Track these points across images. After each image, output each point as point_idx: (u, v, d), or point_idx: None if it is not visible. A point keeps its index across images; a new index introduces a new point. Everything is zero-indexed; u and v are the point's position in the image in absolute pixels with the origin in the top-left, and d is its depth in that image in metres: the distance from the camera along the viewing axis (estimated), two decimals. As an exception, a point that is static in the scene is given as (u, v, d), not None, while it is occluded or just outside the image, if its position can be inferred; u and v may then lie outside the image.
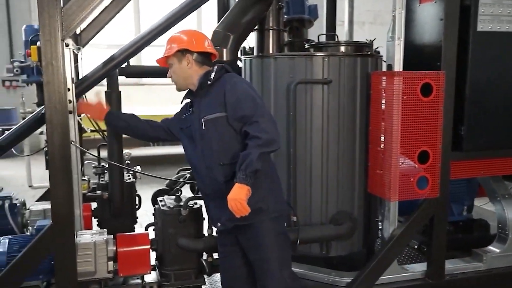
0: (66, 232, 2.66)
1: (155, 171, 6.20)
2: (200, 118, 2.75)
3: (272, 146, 2.55)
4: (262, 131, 2.53)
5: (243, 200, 2.45)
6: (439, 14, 3.33)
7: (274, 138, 2.56)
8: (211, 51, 2.85)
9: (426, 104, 3.28)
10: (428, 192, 3.38)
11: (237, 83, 2.70)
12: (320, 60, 3.45)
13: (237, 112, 2.63)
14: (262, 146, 2.51)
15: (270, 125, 2.58)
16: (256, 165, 2.48)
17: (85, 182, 4.19)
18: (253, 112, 2.58)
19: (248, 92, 2.66)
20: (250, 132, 2.55)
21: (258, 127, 2.54)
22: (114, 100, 3.68)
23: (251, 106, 2.61)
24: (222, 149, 2.69)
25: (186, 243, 3.16)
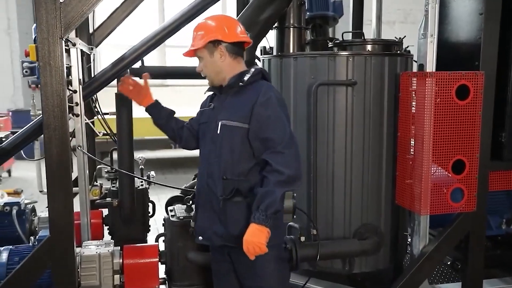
0: (64, 245, 2.47)
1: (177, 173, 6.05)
2: (218, 119, 2.46)
3: (294, 185, 2.32)
4: (287, 166, 2.27)
5: (263, 244, 2.25)
6: (478, 8, 3.00)
7: (298, 175, 2.32)
8: (245, 40, 2.52)
9: (462, 108, 2.96)
10: (464, 206, 3.05)
11: (273, 98, 2.37)
12: (344, 59, 3.17)
13: (262, 132, 2.34)
14: (285, 184, 2.27)
15: (295, 160, 2.33)
16: (279, 206, 2.28)
17: (97, 188, 4.02)
18: (281, 140, 2.31)
19: (281, 115, 2.37)
20: (272, 164, 2.28)
21: (283, 160, 2.28)
22: (124, 101, 3.49)
23: (281, 131, 2.33)
24: (230, 162, 2.41)
25: (196, 257, 2.93)
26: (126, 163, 3.51)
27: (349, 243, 3.17)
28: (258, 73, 2.47)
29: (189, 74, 4.48)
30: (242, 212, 2.39)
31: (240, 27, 2.53)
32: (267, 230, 2.25)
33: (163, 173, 9.05)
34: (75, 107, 3.14)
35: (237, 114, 2.39)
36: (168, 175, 8.83)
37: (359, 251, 3.15)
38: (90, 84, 3.29)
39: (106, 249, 2.97)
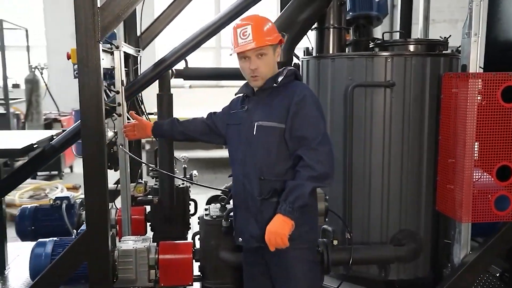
0: (99, 239, 2.58)
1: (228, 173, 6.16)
2: (253, 120, 2.44)
3: (326, 182, 2.30)
4: (319, 163, 2.25)
5: (285, 236, 2.23)
6: (528, 5, 2.82)
7: (329, 173, 2.30)
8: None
9: (508, 111, 2.80)
10: (510, 215, 2.88)
11: (308, 97, 2.37)
12: (383, 60, 3.09)
13: (298, 130, 2.33)
14: (316, 179, 2.26)
15: (329, 157, 2.31)
16: (307, 200, 2.26)
17: (142, 186, 4.16)
18: (315, 137, 2.30)
19: (316, 113, 2.36)
20: (305, 159, 2.27)
21: (316, 157, 2.26)
22: (165, 102, 3.61)
23: (315, 129, 2.32)
24: (267, 163, 2.39)
25: (227, 256, 2.96)
26: (166, 162, 3.62)
27: (384, 249, 3.08)
28: (291, 74, 2.45)
29: (230, 75, 4.55)
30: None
31: None
32: (292, 223, 2.24)
33: (214, 172, 9.20)
34: (117, 107, 3.27)
35: (274, 115, 2.38)
36: (218, 175, 8.97)
37: (393, 257, 3.05)
38: (132, 85, 3.41)
39: (142, 244, 3.06)
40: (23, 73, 8.74)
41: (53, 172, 8.35)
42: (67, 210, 3.81)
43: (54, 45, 11.27)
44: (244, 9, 3.34)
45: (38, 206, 3.93)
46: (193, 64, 4.21)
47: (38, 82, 8.53)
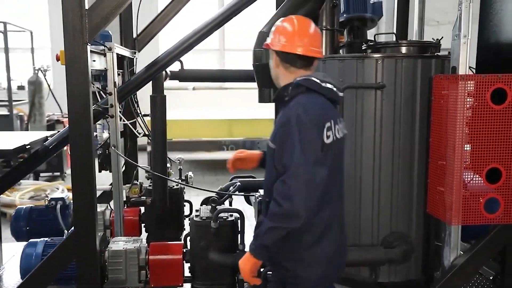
0: (87, 238, 2.60)
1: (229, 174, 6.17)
2: None
3: (290, 222, 1.99)
4: (287, 198, 1.96)
5: (247, 273, 2.09)
6: (518, 7, 2.80)
7: (298, 212, 1.96)
8: (306, 54, 2.18)
9: (498, 113, 2.78)
10: (500, 217, 2.86)
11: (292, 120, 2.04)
12: (373, 62, 3.08)
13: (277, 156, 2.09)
14: (277, 218, 2.00)
15: (301, 192, 1.95)
16: (263, 240, 2.03)
17: (137, 187, 4.18)
18: (288, 167, 1.99)
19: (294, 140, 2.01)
20: (274, 192, 2.02)
21: (284, 190, 1.98)
22: (158, 104, 3.63)
23: (289, 159, 2.00)
24: (269, 184, 2.18)
25: (216, 257, 2.98)
26: (158, 163, 3.64)
27: (375, 251, 3.07)
28: (296, 86, 2.14)
29: (226, 77, 4.58)
30: None
31: (305, 40, 2.20)
32: (255, 261, 2.07)
33: (215, 174, 9.22)
34: (110, 108, 3.30)
35: (272, 134, 2.19)
36: (220, 176, 8.99)
37: (384, 259, 3.04)
38: (125, 87, 3.44)
39: (133, 245, 3.09)
40: (28, 75, 8.83)
41: (55, 173, 8.42)
42: (61, 210, 3.84)
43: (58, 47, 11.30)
44: (239, 9, 3.36)
45: (33, 207, 3.96)
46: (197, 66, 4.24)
47: (41, 83, 8.61)
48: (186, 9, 4.54)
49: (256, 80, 3.40)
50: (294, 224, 2.00)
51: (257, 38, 3.36)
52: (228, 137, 9.28)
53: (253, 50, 3.34)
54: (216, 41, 12.06)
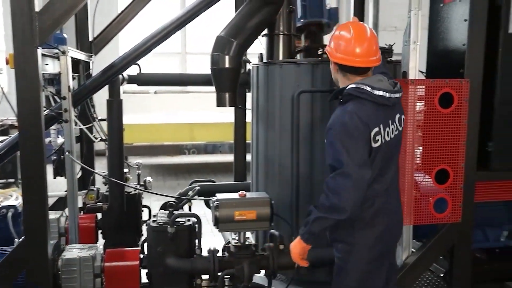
0: (38, 247, 2.53)
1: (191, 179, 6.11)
2: None
3: (336, 214, 2.21)
4: (335, 194, 2.19)
5: (296, 256, 2.39)
6: (463, 14, 2.93)
7: (344, 207, 2.19)
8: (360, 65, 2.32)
9: (445, 116, 2.89)
10: (448, 217, 2.97)
11: (335, 126, 2.26)
12: (328, 67, 3.14)
13: (327, 157, 2.31)
14: (326, 210, 2.23)
15: (348, 189, 2.18)
16: (311, 228, 2.28)
17: (93, 192, 4.10)
18: (338, 167, 2.22)
19: (337, 140, 2.23)
20: (324, 186, 2.26)
21: (333, 186, 2.21)
22: (115, 108, 3.57)
23: (335, 158, 2.23)
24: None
25: (174, 263, 2.95)
26: (115, 169, 3.59)
27: (329, 252, 3.11)
28: (347, 94, 2.30)
29: (187, 82, 4.56)
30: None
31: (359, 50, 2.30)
32: (304, 246, 2.34)
33: (177, 178, 9.14)
34: (64, 113, 3.23)
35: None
36: (181, 181, 8.92)
37: (339, 260, 3.09)
38: (80, 91, 3.37)
39: (88, 252, 3.03)
40: (-20, 78, 8.49)
41: (9, 180, 8.12)
42: (13, 218, 3.72)
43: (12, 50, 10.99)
44: (194, 15, 3.37)
45: (-17, 215, 3.82)
46: (160, 69, 4.21)
47: (-7, 87, 8.28)
48: (148, 11, 4.51)
49: (214, 84, 3.40)
50: (339, 216, 2.21)
51: (214, 42, 3.36)
52: (190, 141, 9.21)
53: (211, 54, 3.34)
54: (179, 44, 11.98)
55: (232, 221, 2.85)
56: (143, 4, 4.30)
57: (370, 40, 2.34)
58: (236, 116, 4.61)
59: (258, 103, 3.55)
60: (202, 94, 11.40)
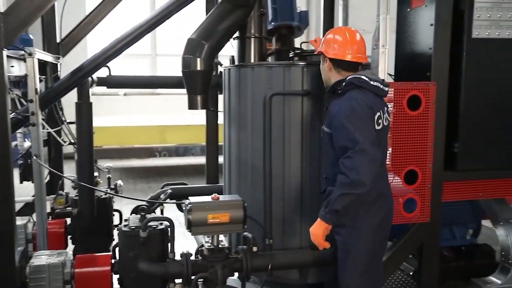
0: (4, 254, 2.45)
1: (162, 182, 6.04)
2: (323, 123, 2.74)
3: (357, 189, 2.41)
4: (353, 170, 2.39)
5: (319, 237, 2.50)
6: (429, 19, 3.01)
7: (362, 180, 2.39)
8: (354, 60, 2.63)
9: (413, 118, 2.97)
10: (417, 216, 3.04)
11: (345, 109, 2.50)
12: (299, 70, 3.17)
13: (337, 140, 2.53)
14: (346, 186, 2.41)
15: (365, 165, 2.40)
16: (334, 205, 2.43)
17: (62, 197, 4.01)
18: (352, 147, 2.42)
19: (349, 125, 2.45)
20: (341, 167, 2.43)
21: (350, 165, 2.41)
22: (84, 111, 3.51)
23: (351, 140, 2.43)
24: (326, 163, 2.71)
25: (146, 267, 2.91)
26: (85, 172, 3.52)
27: (302, 254, 3.15)
28: (349, 84, 2.58)
29: (157, 84, 4.52)
30: None
31: (353, 49, 2.63)
32: (326, 226, 2.48)
33: (148, 182, 9.03)
34: (31, 116, 3.15)
35: (327, 120, 2.64)
36: (152, 184, 8.82)
37: (312, 261, 3.13)
38: (47, 94, 3.30)
39: (57, 259, 2.96)
40: None
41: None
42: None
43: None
44: (169, 14, 3.34)
45: None
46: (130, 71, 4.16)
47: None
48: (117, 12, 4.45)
49: (185, 87, 3.38)
50: (360, 190, 2.41)
51: (186, 44, 3.34)
52: (161, 144, 9.12)
53: (182, 57, 3.32)
54: (148, 46, 11.85)
55: (205, 224, 2.84)
56: (112, 5, 4.24)
57: (360, 41, 2.67)
58: (208, 119, 4.60)
59: (230, 105, 3.55)
60: (172, 96, 11.32)
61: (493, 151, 3.11)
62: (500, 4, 3.01)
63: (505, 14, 3.02)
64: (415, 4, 3.16)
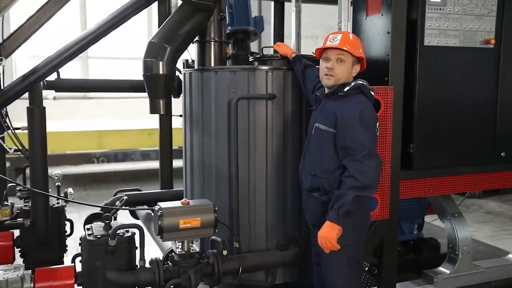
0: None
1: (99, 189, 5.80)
2: (315, 121, 2.80)
3: (367, 192, 2.61)
4: (363, 174, 2.54)
5: (333, 239, 2.57)
6: (386, 27, 3.19)
7: (372, 184, 2.60)
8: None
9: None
10: (378, 214, 3.20)
11: (357, 113, 2.62)
12: (264, 74, 3.24)
13: (344, 141, 2.63)
14: (358, 189, 2.54)
15: (374, 170, 2.59)
16: (349, 207, 2.55)
17: (7, 208, 3.75)
18: (361, 150, 2.56)
19: (361, 128, 2.60)
20: (349, 170, 2.56)
21: (360, 168, 2.55)
22: (37, 116, 3.33)
23: (360, 143, 2.58)
24: (318, 161, 2.77)
25: (116, 277, 2.82)
26: (39, 180, 3.34)
27: (271, 255, 3.21)
28: (356, 88, 2.71)
29: (107, 87, 4.38)
30: (317, 207, 2.76)
31: None
32: (338, 228, 2.56)
33: (85, 189, 8.66)
34: (-20, 121, 2.94)
35: (328, 120, 2.71)
36: (90, 191, 8.47)
37: (281, 262, 3.20)
38: (-3, 98, 3.09)
39: (15, 273, 2.80)
40: None
41: None
42: None
43: None
44: (124, 18, 3.26)
45: None
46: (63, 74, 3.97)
47: None
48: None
49: (147, 90, 3.31)
50: (369, 193, 2.63)
51: (147, 48, 3.28)
52: (98, 149, 8.78)
53: (144, 60, 3.26)
54: None
55: (177, 230, 2.81)
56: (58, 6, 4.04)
57: None
58: (161, 122, 4.52)
59: (191, 109, 3.53)
60: (107, 100, 10.93)
61: (444, 151, 3.35)
62: (446, 15, 3.25)
63: (451, 24, 3.28)
64: (371, 12, 3.33)
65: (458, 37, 3.30)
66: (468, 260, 3.69)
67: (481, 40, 3.37)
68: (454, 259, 3.67)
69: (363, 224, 2.83)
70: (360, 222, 2.78)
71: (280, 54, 3.39)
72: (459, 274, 3.63)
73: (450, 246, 3.73)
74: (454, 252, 3.69)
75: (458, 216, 3.74)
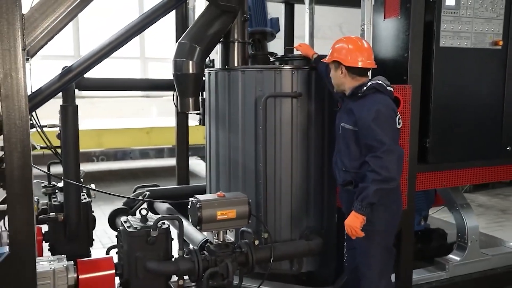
0: (26, 262, 2.39)
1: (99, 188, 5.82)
2: (340, 121, 3.01)
3: (390, 184, 2.75)
4: (384, 168, 2.70)
5: (357, 228, 2.77)
6: (404, 29, 3.39)
7: (393, 177, 2.75)
8: (366, 66, 2.93)
9: (394, 117, 3.31)
10: (397, 205, 3.40)
11: (373, 112, 2.77)
12: (289, 73, 3.41)
13: (365, 139, 2.80)
14: (380, 182, 2.71)
15: (394, 163, 2.74)
16: (371, 199, 2.73)
17: (35, 203, 3.84)
18: (380, 147, 2.72)
19: (377, 126, 2.75)
20: (371, 165, 2.73)
21: (381, 163, 2.71)
22: (70, 114, 3.43)
23: (378, 140, 2.73)
24: (347, 157, 2.96)
25: (156, 266, 2.95)
26: (72, 176, 3.44)
27: (298, 244, 3.38)
28: (371, 88, 2.87)
29: (130, 87, 4.49)
30: (351, 199, 2.88)
31: (364, 57, 2.92)
32: (363, 218, 2.76)
33: (85, 187, 8.68)
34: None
35: (351, 119, 2.91)
36: (93, 189, 8.50)
37: (308, 251, 3.37)
38: (35, 96, 3.18)
39: (60, 264, 2.90)
40: None
41: None
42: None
43: None
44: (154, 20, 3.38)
45: None
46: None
47: None
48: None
49: (177, 89, 3.45)
50: (392, 185, 2.77)
51: (177, 48, 3.42)
52: (97, 148, 8.82)
53: (174, 60, 3.40)
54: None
55: (214, 221, 2.95)
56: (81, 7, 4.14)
57: (368, 48, 3.00)
58: (178, 120, 4.65)
59: (217, 107, 3.68)
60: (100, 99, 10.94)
61: (457, 146, 3.57)
62: (460, 18, 3.48)
63: (464, 27, 3.50)
64: (389, 15, 3.53)
65: (470, 38, 3.53)
66: (476, 248, 3.93)
67: (490, 41, 3.61)
68: (464, 247, 3.90)
69: (393, 214, 3.00)
70: (390, 211, 2.95)
71: (302, 54, 3.57)
72: (469, 261, 3.86)
73: (459, 235, 3.96)
74: (463, 241, 3.92)
75: (467, 206, 3.97)
